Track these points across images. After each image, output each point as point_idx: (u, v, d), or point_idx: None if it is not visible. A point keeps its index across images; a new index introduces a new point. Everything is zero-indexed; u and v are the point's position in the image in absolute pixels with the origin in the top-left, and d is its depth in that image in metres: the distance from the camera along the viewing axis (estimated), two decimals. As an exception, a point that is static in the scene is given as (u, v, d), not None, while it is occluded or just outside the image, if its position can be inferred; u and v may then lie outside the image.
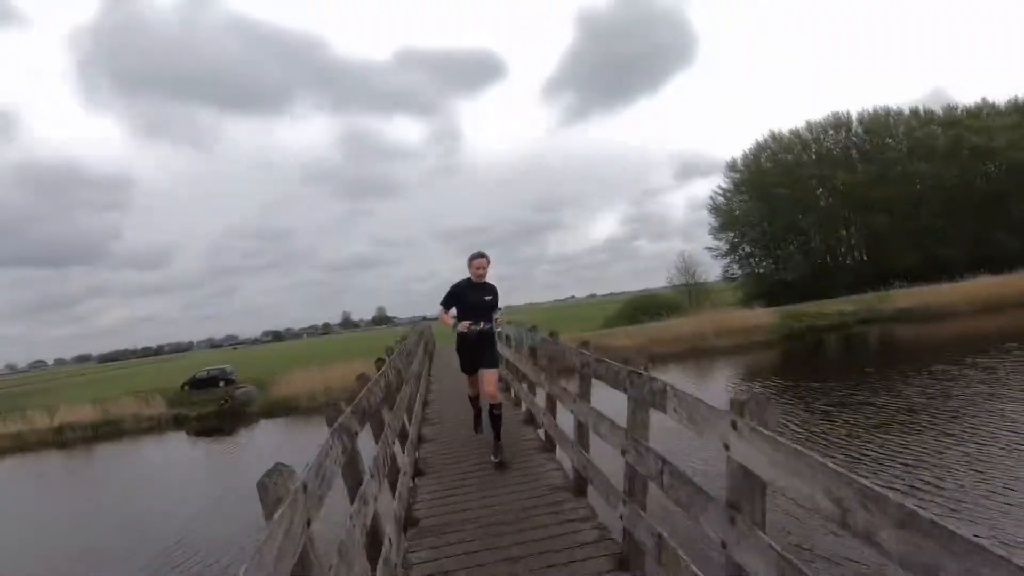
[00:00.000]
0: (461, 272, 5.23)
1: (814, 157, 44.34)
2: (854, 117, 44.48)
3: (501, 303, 5.23)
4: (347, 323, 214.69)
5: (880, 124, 43.97)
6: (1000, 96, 49.37)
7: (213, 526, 9.00)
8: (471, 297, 5.05)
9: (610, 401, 3.31)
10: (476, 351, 5.16)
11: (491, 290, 5.15)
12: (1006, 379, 11.31)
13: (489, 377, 5.15)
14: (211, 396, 23.71)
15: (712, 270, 47.97)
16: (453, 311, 5.15)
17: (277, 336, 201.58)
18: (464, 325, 5.01)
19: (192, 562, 7.72)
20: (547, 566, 3.11)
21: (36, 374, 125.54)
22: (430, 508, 4.25)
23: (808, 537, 5.52)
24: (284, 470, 1.53)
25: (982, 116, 43.60)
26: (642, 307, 35.77)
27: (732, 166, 47.58)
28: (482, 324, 5.05)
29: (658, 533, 2.65)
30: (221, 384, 25.14)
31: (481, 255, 5.10)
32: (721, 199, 47.23)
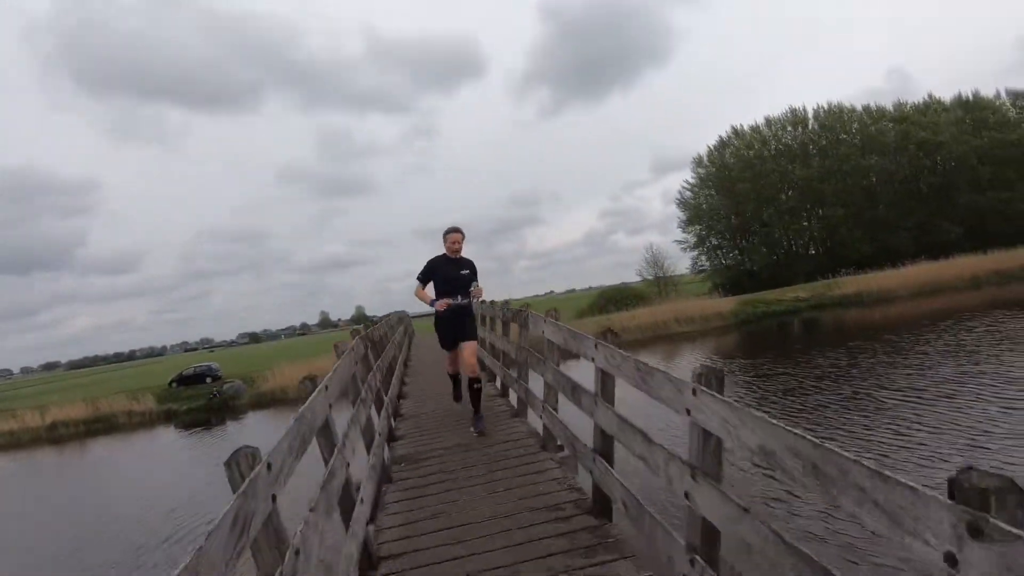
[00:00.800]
0: None
1: (773, 152, 46.57)
2: (810, 113, 46.79)
3: (481, 281, 5.21)
4: (325, 323, 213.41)
5: (835, 120, 46.35)
6: (949, 85, 52.21)
7: (197, 508, 9.98)
8: (446, 271, 5.04)
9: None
10: (454, 325, 5.14)
11: (467, 264, 5.11)
12: (907, 351, 13.16)
13: (468, 349, 5.16)
14: (199, 391, 24.67)
15: (682, 262, 50.17)
16: (431, 287, 5.14)
17: (254, 338, 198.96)
18: (441, 304, 5.03)
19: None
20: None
21: (6, 383, 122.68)
22: (410, 409, 6.71)
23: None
24: None
25: (929, 112, 46.31)
26: (613, 298, 37.55)
27: (698, 161, 49.68)
28: (459, 299, 5.05)
29: (526, 388, 5.22)
30: (208, 380, 26.08)
31: (455, 230, 5.11)
32: (688, 193, 49.29)
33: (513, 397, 6.05)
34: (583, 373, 4.29)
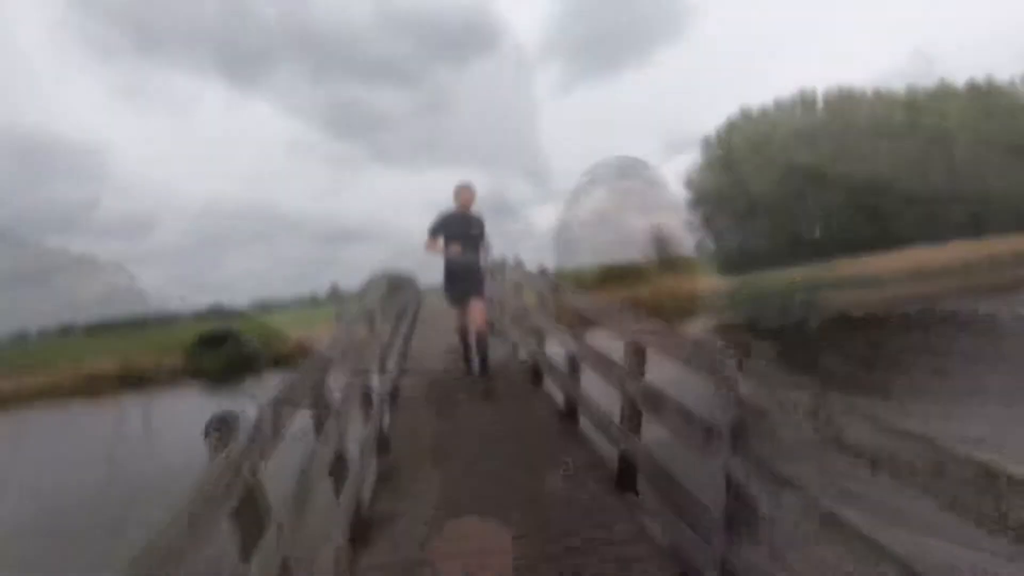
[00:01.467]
0: None
1: (781, 134, 46.98)
2: (819, 96, 47.07)
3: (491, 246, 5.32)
4: (335, 294, 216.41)
5: (844, 103, 46.57)
6: (973, 68, 51.67)
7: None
8: (457, 227, 5.05)
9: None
10: (462, 281, 5.12)
11: (477, 223, 5.15)
12: (877, 328, 14.32)
13: (478, 307, 5.14)
14: (221, 351, 26.45)
15: (687, 243, 50.98)
16: (441, 241, 5.11)
17: (265, 307, 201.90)
18: (455, 251, 4.98)
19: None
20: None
21: (30, 343, 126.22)
22: (420, 334, 8.81)
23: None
24: None
25: (940, 97, 46.31)
26: (613, 276, 38.68)
27: (706, 142, 50.24)
28: (469, 255, 5.09)
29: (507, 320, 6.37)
30: (228, 340, 27.84)
31: (468, 186, 5.17)
32: (696, 174, 49.92)
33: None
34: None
